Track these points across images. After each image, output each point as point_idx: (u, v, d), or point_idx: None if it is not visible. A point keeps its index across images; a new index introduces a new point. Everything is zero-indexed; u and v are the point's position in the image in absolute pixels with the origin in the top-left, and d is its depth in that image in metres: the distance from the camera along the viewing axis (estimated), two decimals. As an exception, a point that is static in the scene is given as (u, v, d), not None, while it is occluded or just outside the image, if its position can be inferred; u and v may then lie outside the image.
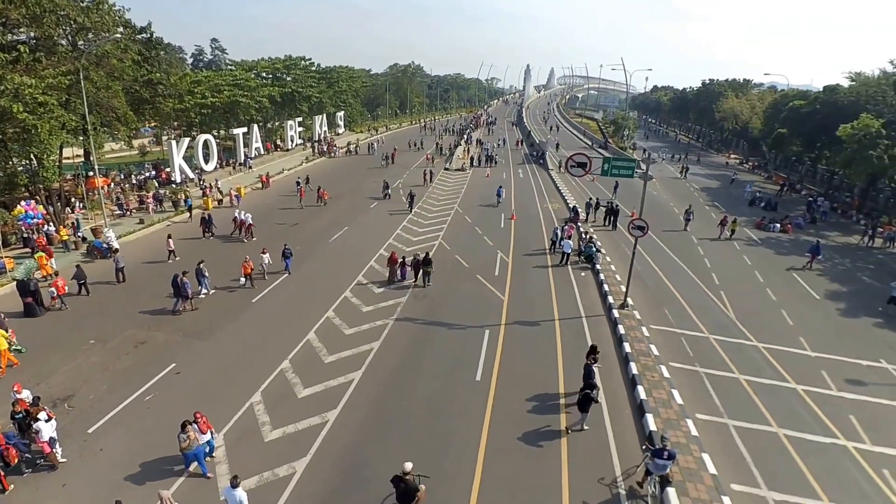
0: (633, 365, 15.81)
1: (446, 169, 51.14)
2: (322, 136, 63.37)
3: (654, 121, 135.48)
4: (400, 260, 22.08)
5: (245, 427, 12.92)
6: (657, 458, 10.61)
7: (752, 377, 16.05)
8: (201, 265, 20.19)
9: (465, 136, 72.35)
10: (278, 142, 59.21)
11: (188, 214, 31.20)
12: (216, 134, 51.87)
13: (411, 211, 33.91)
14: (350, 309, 19.47)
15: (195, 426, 11.04)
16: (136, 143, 41.53)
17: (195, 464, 11.24)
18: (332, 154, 56.99)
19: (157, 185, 36.55)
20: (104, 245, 24.16)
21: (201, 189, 35.76)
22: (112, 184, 36.06)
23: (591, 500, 10.92)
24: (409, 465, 10.02)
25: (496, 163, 56.61)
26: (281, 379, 14.95)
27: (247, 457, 11.88)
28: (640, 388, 14.53)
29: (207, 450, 11.41)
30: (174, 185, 36.45)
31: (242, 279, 21.04)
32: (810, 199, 41.38)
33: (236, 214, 28.22)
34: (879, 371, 17.01)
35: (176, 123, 49.70)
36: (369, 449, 12.21)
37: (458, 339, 17.46)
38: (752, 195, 42.04)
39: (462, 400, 14.23)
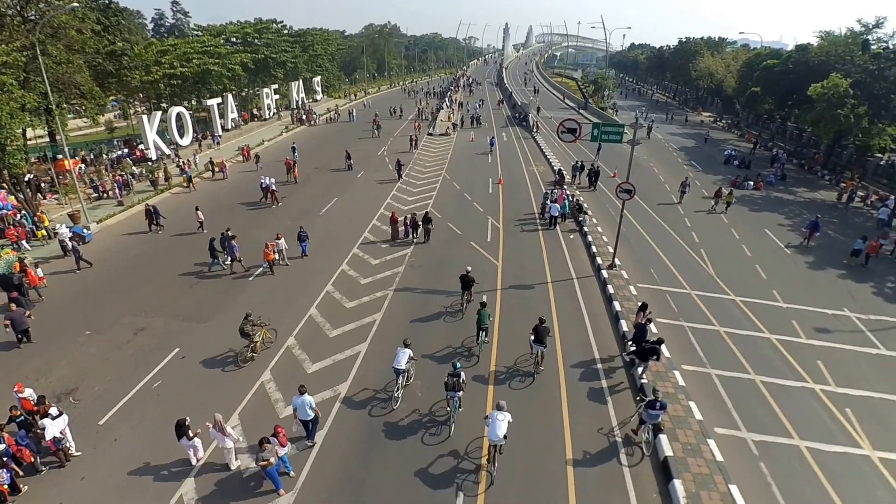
0: (623, 322, 16.81)
1: (430, 134, 50.79)
2: (300, 103, 61.86)
3: (631, 79, 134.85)
4: (400, 219, 23.72)
5: (259, 406, 13.16)
6: (650, 408, 11.60)
7: (731, 329, 17.24)
8: (228, 232, 20.43)
9: (448, 99, 71.43)
10: (255, 111, 57.67)
11: (190, 185, 31.02)
12: (188, 105, 50.24)
13: (400, 178, 33.97)
14: (348, 282, 19.87)
15: (275, 440, 10.52)
16: (101, 119, 39.45)
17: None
18: (313, 122, 55.86)
19: (131, 163, 35.08)
20: (85, 231, 23.20)
21: (178, 166, 34.52)
22: (83, 165, 34.04)
23: (591, 448, 11.96)
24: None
25: (481, 124, 56.55)
26: (288, 356, 15.21)
27: (265, 431, 11.72)
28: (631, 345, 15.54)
29: (284, 468, 10.90)
30: (150, 163, 35.33)
31: (264, 265, 20.28)
32: (774, 154, 43.04)
33: (262, 180, 28.77)
34: (843, 319, 18.36)
35: (142, 95, 47.54)
36: (379, 418, 12.80)
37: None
38: (727, 154, 43.12)
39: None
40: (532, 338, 14.37)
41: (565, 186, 31.68)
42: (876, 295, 20.32)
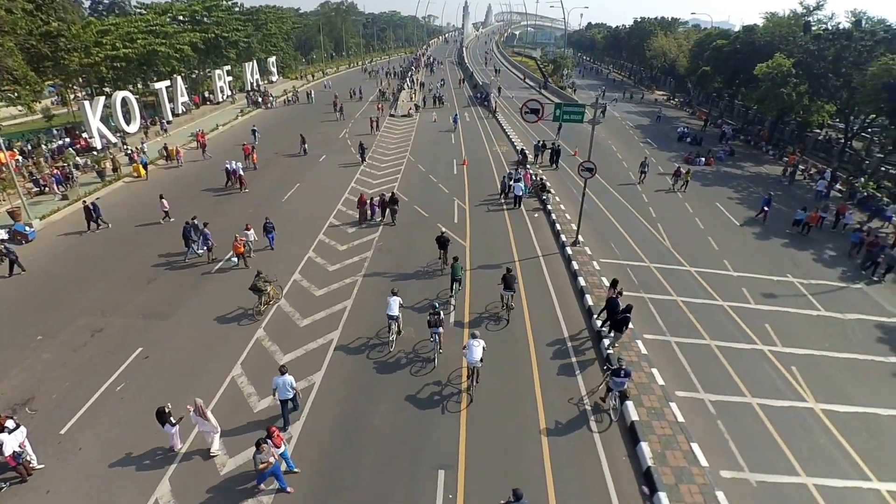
0: (588, 297, 17.41)
1: (392, 115, 50.12)
2: (255, 85, 59.66)
3: (588, 58, 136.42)
4: (368, 200, 23.70)
5: (232, 401, 12.81)
6: (616, 377, 12.18)
7: (688, 298, 18.17)
8: (194, 220, 19.84)
9: (409, 79, 70.41)
10: (207, 94, 55.21)
11: (144, 173, 29.67)
12: (134, 90, 47.54)
13: (363, 162, 33.51)
14: (316, 270, 19.64)
15: (270, 442, 10.20)
16: (38, 106, 36.41)
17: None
18: (269, 105, 54.05)
19: (74, 153, 32.75)
20: (27, 228, 21.64)
21: (127, 155, 32.56)
22: (20, 157, 31.35)
23: (562, 418, 12.49)
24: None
25: (443, 104, 56.31)
26: (258, 348, 14.85)
27: (240, 429, 11.89)
28: (596, 318, 16.15)
29: (284, 466, 10.67)
30: (95, 153, 33.20)
31: (234, 258, 19.67)
32: (723, 131, 45.03)
33: (227, 165, 28.08)
34: (787, 284, 19.64)
35: (82, 79, 44.46)
36: (358, 405, 12.81)
37: (428, 290, 18.19)
38: (680, 131, 44.62)
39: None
40: (502, 286, 15.97)
41: (528, 166, 32.11)
42: (816, 261, 21.78)
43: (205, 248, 19.79)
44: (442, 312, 14.33)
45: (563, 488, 10.58)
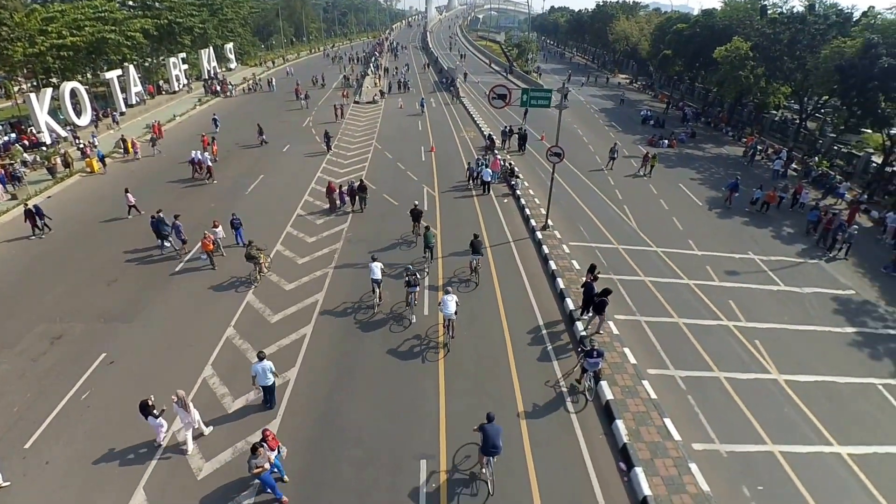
0: (559, 280, 17.56)
1: (357, 102, 49.10)
2: (212, 72, 57.39)
3: (552, 42, 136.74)
4: (337, 189, 23.54)
5: (205, 403, 12.29)
6: (589, 357, 12.35)
7: (655, 278, 18.57)
8: (159, 213, 19.25)
9: (373, 64, 69.05)
10: (162, 83, 52.73)
11: (102, 166, 28.41)
12: (84, 80, 44.94)
13: (329, 151, 32.77)
14: (285, 263, 19.15)
15: (265, 445, 9.74)
16: None
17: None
18: (228, 93, 52.14)
19: (22, 150, 30.57)
20: None
21: (79, 149, 30.75)
22: None
23: (540, 400, 12.62)
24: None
25: (408, 89, 55.63)
26: (229, 348, 14.38)
27: (216, 432, 11.62)
28: (569, 301, 16.34)
29: (277, 473, 10.24)
30: (45, 149, 31.26)
31: (203, 256, 18.78)
32: (684, 113, 46.24)
33: (193, 155, 27.45)
34: (748, 262, 20.31)
35: (27, 70, 41.67)
36: (337, 401, 12.57)
37: (404, 259, 18.28)
38: (644, 114, 45.35)
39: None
40: (470, 251, 17.43)
41: (496, 152, 32.06)
42: (775, 238, 22.59)
43: (180, 241, 19.30)
44: (418, 274, 15.78)
45: (543, 468, 10.71)
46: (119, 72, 41.93)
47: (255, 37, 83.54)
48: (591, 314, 15.10)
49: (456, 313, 14.22)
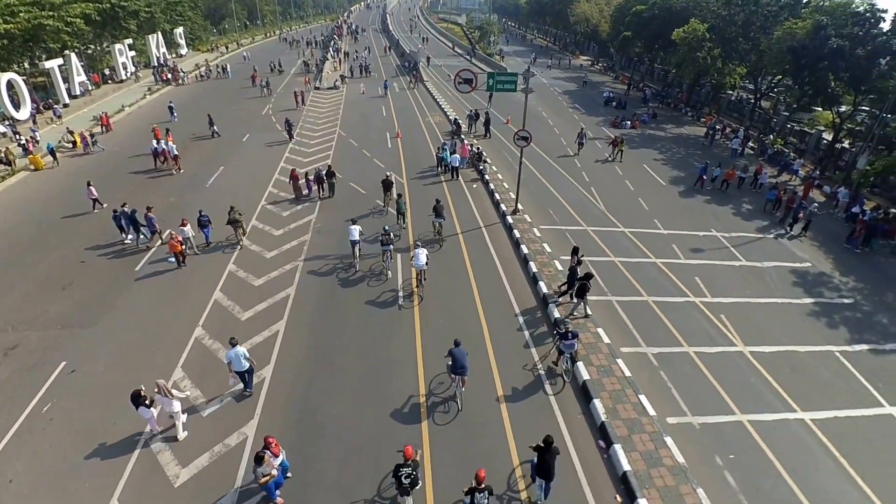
0: (532, 264, 17.69)
1: (318, 88, 47.78)
2: (162, 59, 54.66)
3: (513, 24, 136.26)
4: (302, 180, 23.19)
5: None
6: (564, 339, 12.52)
7: (624, 258, 18.96)
8: (125, 207, 18.73)
9: (332, 48, 67.21)
10: (108, 72, 49.84)
11: (52, 159, 26.95)
12: (21, 70, 41.95)
13: (291, 139, 31.83)
14: (253, 259, 18.55)
15: (269, 452, 9.42)
16: None
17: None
18: (180, 81, 49.80)
19: None
20: None
21: (20, 145, 28.75)
22: None
23: (518, 384, 12.74)
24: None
25: (370, 73, 54.65)
26: (198, 346, 13.88)
27: (194, 433, 11.28)
28: (542, 284, 16.49)
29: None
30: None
31: (170, 258, 17.70)
32: (644, 94, 47.50)
33: (155, 145, 26.53)
34: (711, 239, 20.99)
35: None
36: (315, 396, 12.36)
37: (376, 226, 18.41)
38: (606, 95, 45.95)
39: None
40: (433, 215, 18.73)
41: (463, 137, 31.86)
42: (735, 216, 23.40)
43: (151, 234, 18.95)
44: (392, 233, 17.28)
45: (526, 453, 10.82)
46: (60, 61, 39.40)
47: (207, 21, 79.96)
48: (574, 298, 15.27)
49: (427, 264, 15.99)
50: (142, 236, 18.97)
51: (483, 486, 8.76)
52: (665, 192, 25.90)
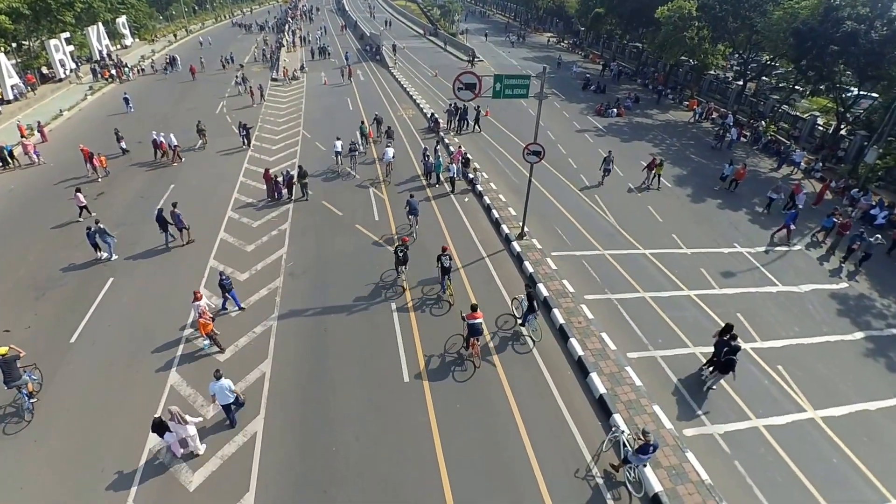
0: (556, 311, 14.10)
1: (274, 79, 41.83)
2: (105, 52, 47.00)
3: (471, 0, 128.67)
4: (274, 179, 20.64)
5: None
6: (642, 453, 9.14)
7: (655, 292, 15.58)
8: (98, 223, 16.36)
9: (287, 32, 60.20)
10: (47, 71, 42.01)
11: (12, 163, 23.54)
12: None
13: (249, 146, 26.73)
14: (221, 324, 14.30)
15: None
16: None
17: None
18: (124, 77, 42.57)
19: None
20: None
21: None
22: None
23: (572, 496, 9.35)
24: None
25: (329, 55, 49.60)
26: (174, 395, 10.43)
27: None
28: (574, 342, 12.97)
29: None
30: None
31: (205, 343, 12.94)
32: (611, 70, 44.71)
33: (154, 136, 24.37)
34: (738, 257, 17.84)
35: None
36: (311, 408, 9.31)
37: (364, 326, 13.83)
38: (582, 78, 41.96)
39: (395, 403, 11.28)
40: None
41: (443, 135, 27.55)
42: (752, 223, 20.40)
43: (179, 231, 17.45)
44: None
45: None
46: (-16, 60, 32.26)
47: (152, 7, 70.47)
48: (713, 370, 12.09)
49: (394, 157, 21.30)
50: (171, 236, 17.52)
51: None
52: (673, 196, 22.53)
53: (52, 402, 11.40)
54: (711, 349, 12.71)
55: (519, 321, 13.51)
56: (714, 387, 12.11)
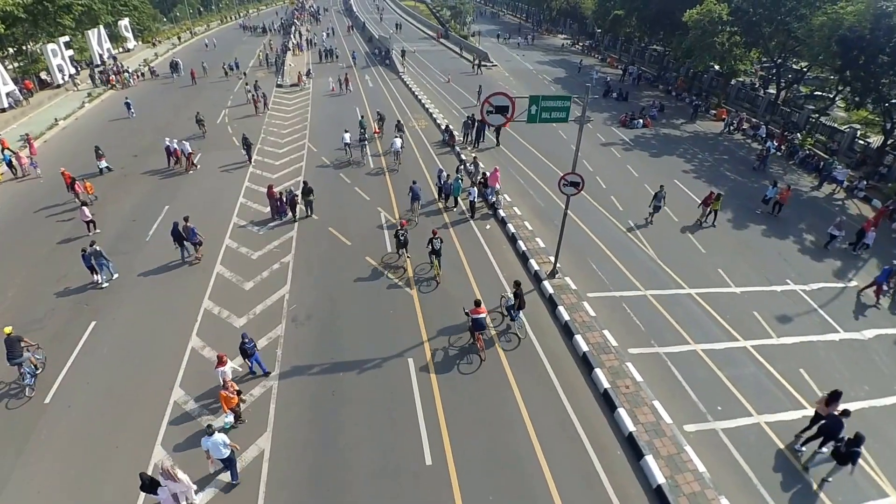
0: (598, 371, 12.28)
1: (279, 86, 40.05)
2: (106, 56, 45.59)
3: (482, 1, 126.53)
4: (278, 196, 19.48)
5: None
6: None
7: (706, 344, 13.71)
8: (93, 245, 15.37)
9: (293, 35, 58.54)
10: (43, 77, 40.55)
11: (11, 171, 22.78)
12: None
13: (251, 161, 25.01)
14: (202, 374, 12.63)
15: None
16: None
17: None
18: (124, 83, 40.86)
19: None
20: None
21: None
22: None
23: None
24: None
25: (336, 57, 48.26)
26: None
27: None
28: (622, 412, 11.15)
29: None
30: None
31: (230, 418, 11.05)
32: (629, 72, 42.95)
33: (168, 143, 23.84)
34: (792, 296, 15.97)
35: None
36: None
37: (379, 388, 12.08)
38: (603, 84, 39.90)
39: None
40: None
41: (457, 147, 25.74)
42: (802, 253, 18.47)
43: (194, 245, 16.88)
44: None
45: None
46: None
47: (156, 9, 69.16)
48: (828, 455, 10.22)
49: (402, 146, 22.56)
50: (186, 253, 16.90)
51: None
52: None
53: (33, 464, 9.78)
54: (778, 416, 10.88)
55: (507, 318, 13.80)
56: (830, 479, 10.13)
